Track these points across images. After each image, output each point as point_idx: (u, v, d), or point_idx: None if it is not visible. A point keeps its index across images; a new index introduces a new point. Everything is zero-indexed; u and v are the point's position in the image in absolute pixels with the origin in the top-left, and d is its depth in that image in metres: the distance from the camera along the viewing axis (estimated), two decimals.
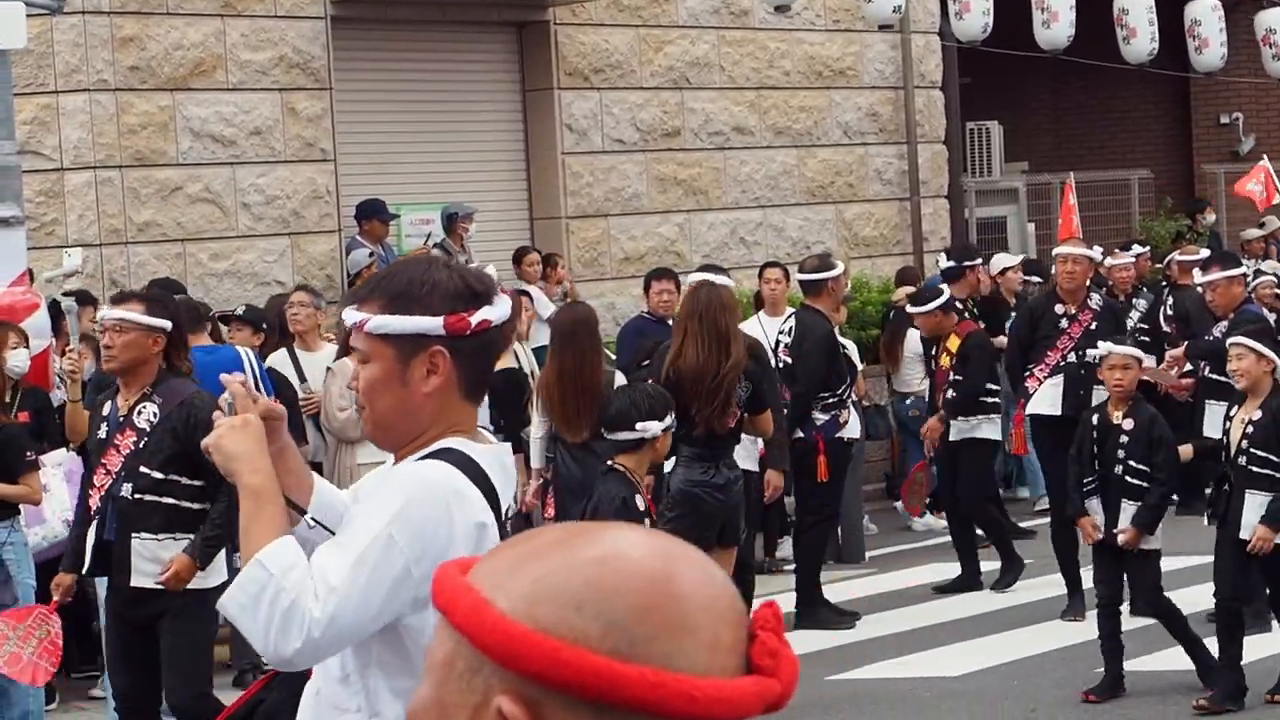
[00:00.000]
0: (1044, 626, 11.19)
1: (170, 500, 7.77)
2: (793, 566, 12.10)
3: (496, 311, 3.51)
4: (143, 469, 7.76)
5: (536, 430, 10.29)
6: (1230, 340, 9.66)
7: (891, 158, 19.18)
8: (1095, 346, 11.97)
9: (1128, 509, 9.53)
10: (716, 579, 1.48)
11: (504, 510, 3.55)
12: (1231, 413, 9.45)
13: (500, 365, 10.94)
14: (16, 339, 9.80)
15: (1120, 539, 9.48)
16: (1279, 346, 12.44)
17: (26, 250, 11.23)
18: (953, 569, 12.62)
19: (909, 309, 13.25)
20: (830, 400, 11.78)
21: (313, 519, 3.68)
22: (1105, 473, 9.62)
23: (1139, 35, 19.78)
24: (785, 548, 13.12)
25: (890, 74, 19.16)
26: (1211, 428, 11.59)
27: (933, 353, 12.89)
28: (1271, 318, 13.73)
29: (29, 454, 9.09)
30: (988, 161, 21.29)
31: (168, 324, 7.92)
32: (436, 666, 1.47)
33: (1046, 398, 12.09)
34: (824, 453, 11.63)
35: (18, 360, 9.76)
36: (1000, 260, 16.73)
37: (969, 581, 12.53)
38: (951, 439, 12.45)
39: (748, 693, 1.44)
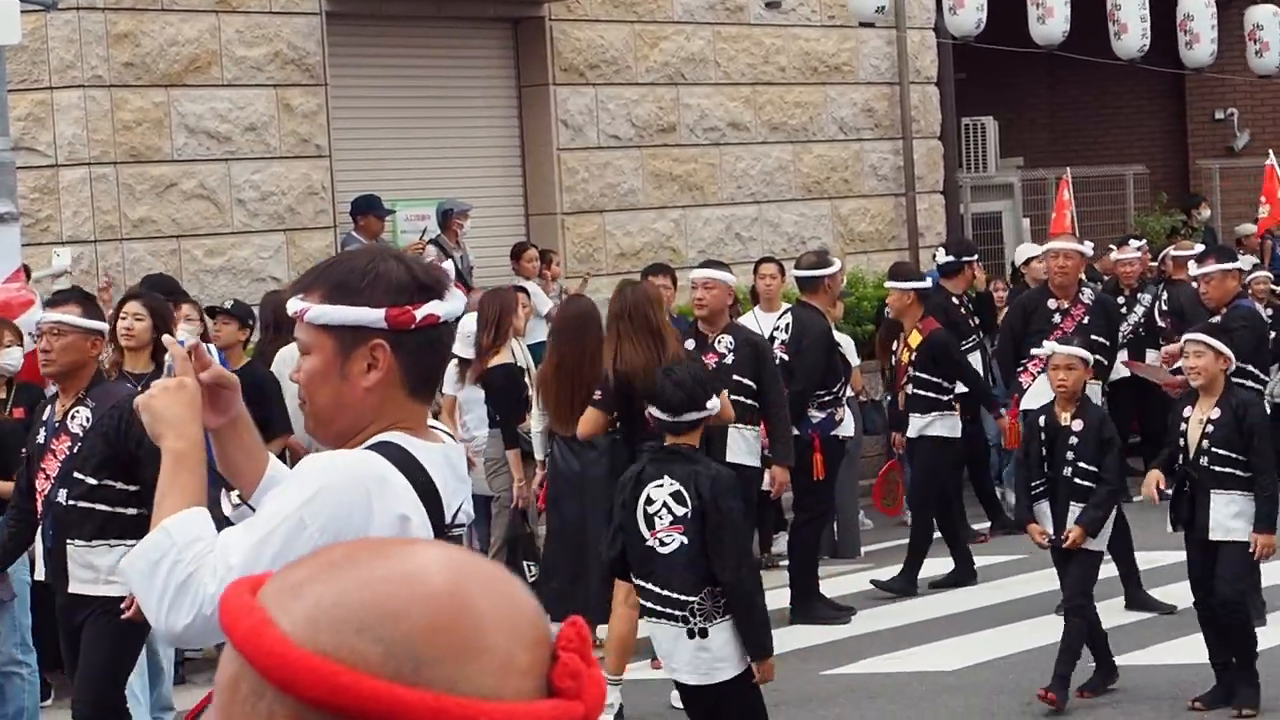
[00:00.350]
0: (1039, 621, 11.18)
1: (104, 506, 7.59)
2: (788, 562, 12.10)
3: (446, 307, 3.33)
4: (77, 474, 7.59)
5: (537, 424, 10.28)
6: (1186, 337, 9.49)
7: (887, 153, 19.18)
8: (1087, 343, 11.99)
9: (1075, 511, 9.36)
10: (515, 598, 1.41)
11: (452, 511, 3.39)
12: (1185, 414, 9.23)
13: (497, 360, 10.99)
14: (12, 337, 9.81)
15: (1065, 541, 9.32)
16: (1266, 343, 12.37)
17: (21, 247, 11.24)
18: (947, 564, 12.63)
19: (886, 284, 13.19)
20: (826, 398, 11.78)
21: (239, 498, 3.55)
22: (1054, 475, 9.45)
23: (1130, 31, 19.83)
24: (780, 543, 13.13)
25: (885, 69, 19.17)
26: None
27: (894, 347, 12.88)
28: (1267, 314, 13.75)
29: (24, 450, 9.08)
30: (983, 157, 21.30)
31: (105, 326, 7.82)
32: (223, 689, 1.41)
33: (1040, 393, 12.09)
34: (819, 450, 11.63)
35: (11, 359, 9.76)
36: (1025, 250, 16.74)
37: (962, 576, 12.55)
38: (910, 435, 12.49)
39: (543, 716, 1.37)
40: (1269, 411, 12.47)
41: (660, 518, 7.30)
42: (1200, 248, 14.82)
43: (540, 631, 1.41)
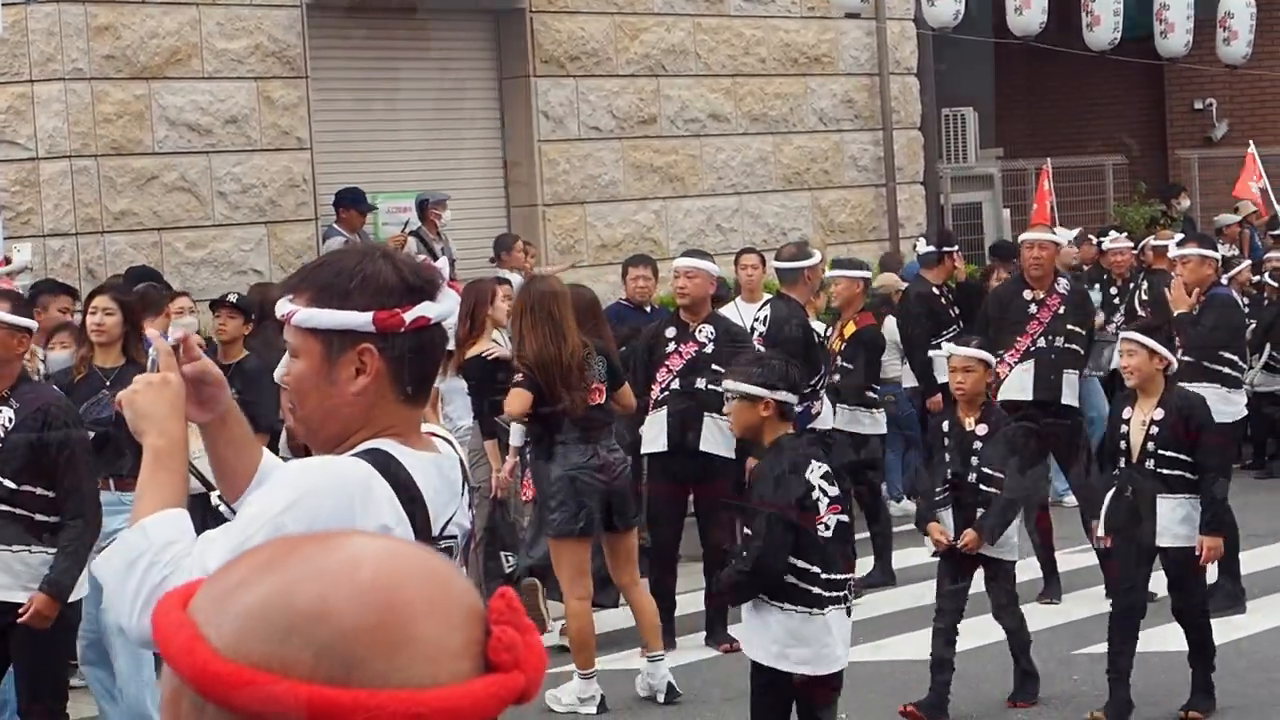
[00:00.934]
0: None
1: (23, 511, 7.35)
2: None
3: (438, 308, 3.23)
4: None
5: None
6: (1122, 334, 9.26)
7: (867, 144, 19.22)
8: (1064, 333, 12.04)
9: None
10: (440, 580, 1.41)
11: (441, 522, 3.30)
12: (1125, 415, 8.94)
13: (475, 351, 11.00)
14: None
15: (960, 543, 9.12)
16: (1243, 331, 12.27)
17: (3, 240, 11.25)
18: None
19: (829, 272, 13.16)
20: (804, 391, 11.81)
21: (219, 498, 3.49)
22: (958, 480, 9.19)
23: (1103, 23, 19.89)
24: None
25: (866, 60, 19.21)
26: None
27: (827, 333, 12.93)
28: (1244, 303, 13.81)
29: None
30: (963, 148, 21.35)
31: (34, 325, 7.65)
32: (165, 707, 1.41)
33: (1017, 383, 12.14)
34: None
35: None
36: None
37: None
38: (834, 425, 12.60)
39: (480, 695, 1.38)
40: (1246, 400, 12.55)
41: (820, 503, 7.20)
42: (1180, 237, 14.89)
43: (471, 609, 1.41)
